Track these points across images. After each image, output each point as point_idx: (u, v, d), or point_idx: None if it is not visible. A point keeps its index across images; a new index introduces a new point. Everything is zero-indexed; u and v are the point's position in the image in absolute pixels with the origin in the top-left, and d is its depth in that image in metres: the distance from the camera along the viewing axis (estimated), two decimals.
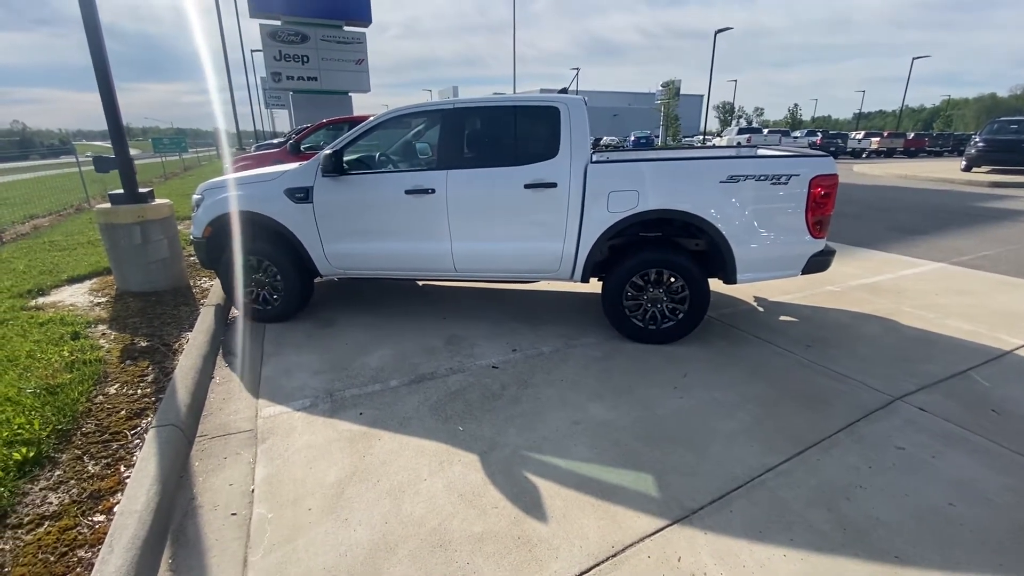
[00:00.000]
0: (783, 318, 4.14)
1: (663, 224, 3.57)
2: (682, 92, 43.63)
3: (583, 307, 4.42)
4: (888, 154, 30.09)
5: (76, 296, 4.67)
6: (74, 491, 2.14)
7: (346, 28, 20.15)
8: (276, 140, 16.47)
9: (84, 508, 2.06)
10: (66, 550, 1.85)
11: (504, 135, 3.63)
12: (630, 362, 3.37)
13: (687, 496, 2.16)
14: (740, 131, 30.45)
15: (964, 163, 15.97)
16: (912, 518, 2.04)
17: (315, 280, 4.23)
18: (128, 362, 3.29)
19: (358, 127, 3.80)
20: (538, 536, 1.96)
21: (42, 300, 4.52)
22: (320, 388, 3.11)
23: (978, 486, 2.21)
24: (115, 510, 2.01)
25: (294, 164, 4.09)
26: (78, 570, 1.77)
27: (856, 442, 2.52)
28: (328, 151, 3.61)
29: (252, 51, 37.15)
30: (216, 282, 4.94)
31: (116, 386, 2.99)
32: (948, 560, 1.84)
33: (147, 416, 2.71)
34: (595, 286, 3.87)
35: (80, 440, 2.47)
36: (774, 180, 3.18)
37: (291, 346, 3.73)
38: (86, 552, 1.85)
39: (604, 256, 3.58)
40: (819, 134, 32.42)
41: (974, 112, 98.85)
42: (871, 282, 5.04)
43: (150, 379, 3.09)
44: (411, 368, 3.34)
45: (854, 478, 2.26)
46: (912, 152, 30.95)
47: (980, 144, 15.60)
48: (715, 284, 3.66)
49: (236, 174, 4.30)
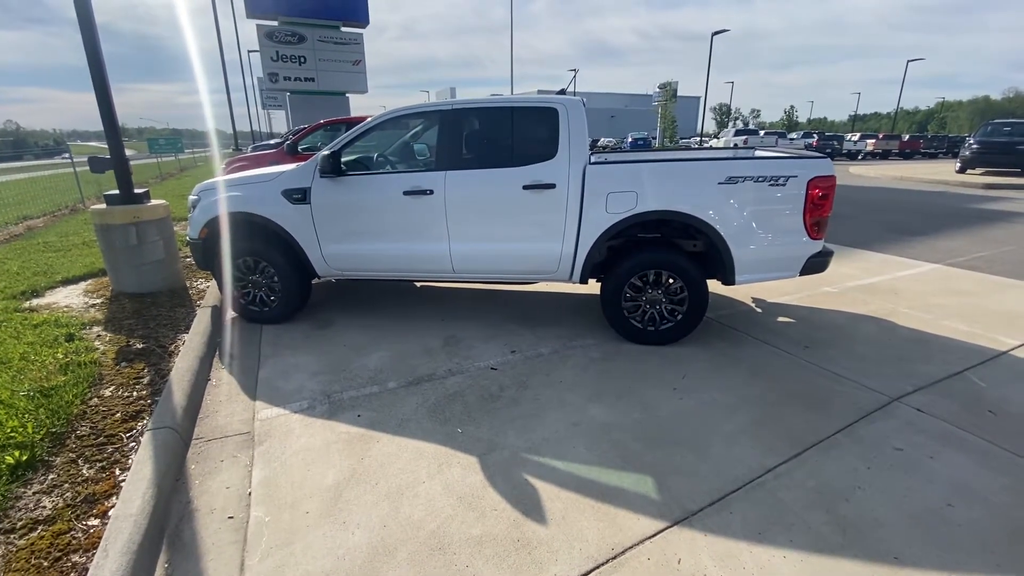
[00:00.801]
0: (781, 319, 4.14)
1: (661, 225, 3.57)
2: (679, 94, 43.73)
3: (581, 308, 4.41)
4: (884, 156, 30.26)
5: (71, 298, 4.63)
6: (68, 495, 2.11)
7: (343, 29, 20.14)
8: (273, 141, 16.42)
9: (78, 512, 2.03)
10: (60, 555, 1.83)
11: (503, 136, 3.62)
12: (629, 363, 3.36)
13: (687, 497, 2.15)
14: (737, 133, 30.59)
15: (959, 165, 16.05)
16: (911, 519, 2.04)
17: (313, 281, 4.21)
18: (123, 364, 3.27)
19: (356, 128, 3.79)
20: (538, 538, 1.95)
21: (36, 302, 4.49)
22: (318, 390, 3.09)
23: (976, 486, 2.21)
24: (110, 514, 1.99)
25: (291, 165, 4.08)
26: (72, 575, 1.75)
27: (855, 443, 2.52)
28: (326, 152, 3.60)
29: (249, 51, 37.11)
30: (213, 283, 4.91)
31: (111, 388, 2.97)
32: (947, 561, 1.84)
33: (143, 419, 2.69)
34: (593, 287, 3.87)
35: (74, 443, 2.45)
36: (772, 181, 3.19)
37: (288, 348, 3.71)
38: (80, 557, 1.82)
39: (603, 257, 3.57)
40: (815, 136, 32.55)
41: (968, 114, 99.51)
42: (868, 283, 5.05)
43: (145, 381, 3.07)
44: (409, 369, 3.33)
45: (853, 479, 2.26)
46: (907, 154, 31.13)
47: (974, 146, 15.69)
48: (713, 285, 3.67)
49: (233, 175, 4.29)
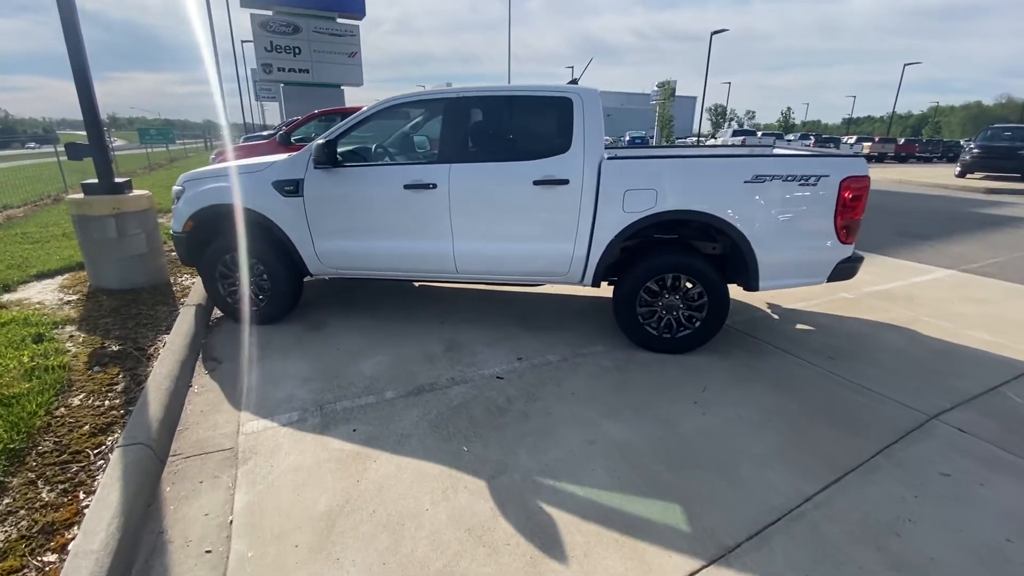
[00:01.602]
0: (800, 326, 3.94)
1: (679, 226, 3.35)
2: (676, 94, 43.55)
3: (588, 312, 4.19)
4: (879, 159, 30.24)
5: (45, 293, 4.34)
6: (23, 524, 1.86)
7: (339, 20, 19.73)
8: (266, 133, 16.05)
9: (34, 545, 1.78)
10: None
11: (512, 127, 3.38)
12: (645, 373, 3.14)
13: (721, 531, 1.93)
14: (734, 133, 30.46)
15: (959, 169, 15.98)
16: (970, 556, 1.84)
17: (305, 279, 3.95)
18: (96, 368, 3.00)
19: (354, 116, 3.53)
20: None
21: (7, 297, 4.19)
22: (309, 400, 2.84)
23: None
24: (69, 548, 1.74)
25: (283, 155, 3.81)
26: None
27: (896, 467, 2.31)
28: (321, 141, 3.34)
29: (243, 42, 36.40)
30: (198, 280, 4.63)
31: (81, 396, 2.71)
32: None
33: (114, 432, 2.43)
34: (599, 289, 3.64)
35: (35, 461, 2.19)
36: (802, 181, 2.97)
37: (278, 351, 3.45)
38: None
39: (615, 259, 3.34)
40: (812, 138, 32.51)
41: (960, 119, 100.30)
42: (884, 289, 4.87)
43: (119, 388, 2.81)
44: (409, 377, 3.09)
45: (901, 510, 2.05)
46: (903, 157, 31.15)
47: (975, 151, 15.62)
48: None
49: (221, 164, 4.01)
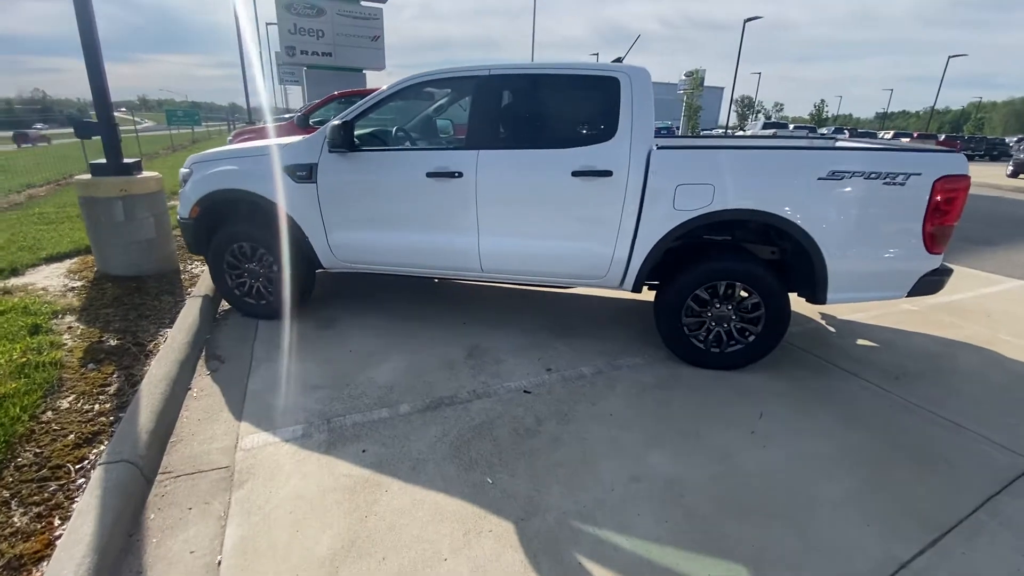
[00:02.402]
0: (861, 342, 3.52)
1: (734, 226, 2.97)
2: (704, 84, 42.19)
3: (621, 317, 3.83)
4: None
5: (51, 278, 4.14)
6: None
7: (363, 3, 19.40)
8: (287, 116, 15.86)
9: None
10: None
11: (550, 110, 3.02)
12: (691, 393, 2.79)
13: None
14: (765, 125, 29.38)
15: (1011, 168, 15.06)
16: None
17: (316, 272, 3.67)
18: (91, 366, 2.76)
19: (373, 95, 3.21)
20: None
21: (13, 282, 4.00)
22: (316, 411, 2.56)
23: None
24: None
25: (297, 137, 3.52)
26: None
27: (1004, 526, 1.93)
28: (337, 122, 3.02)
29: (267, 24, 36.36)
30: (207, 269, 4.39)
31: (70, 399, 2.46)
32: None
33: (101, 443, 2.18)
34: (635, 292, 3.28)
35: (11, 477, 1.94)
36: (888, 179, 2.55)
37: (285, 351, 3.18)
38: None
39: (658, 261, 2.98)
40: (846, 132, 31.23)
41: (1002, 116, 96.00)
42: (951, 300, 4.40)
43: (112, 390, 2.56)
44: (426, 388, 2.79)
45: None
46: None
47: None
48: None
49: (231, 146, 3.74)
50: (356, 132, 3.18)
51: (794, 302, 2.94)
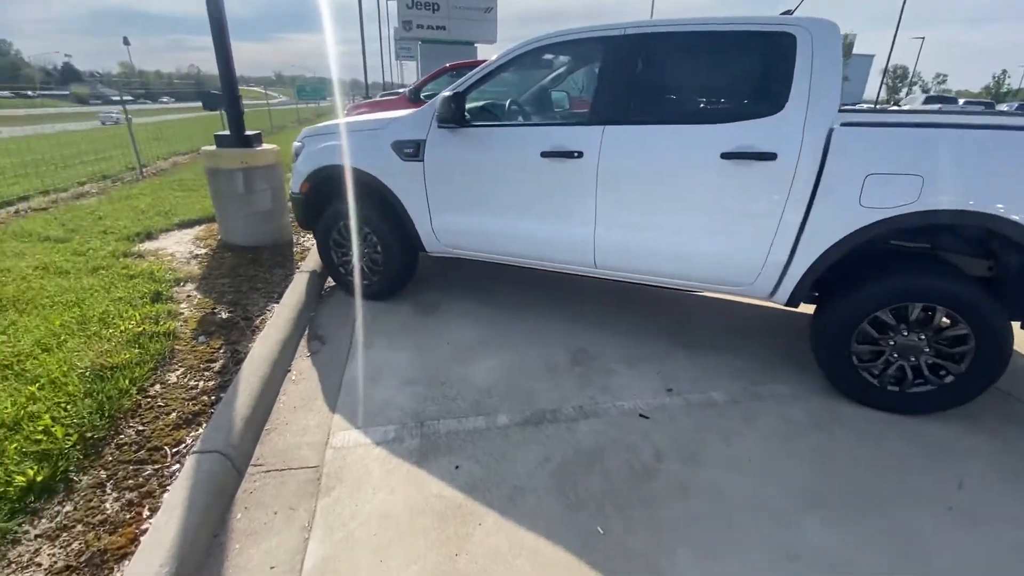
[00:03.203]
0: None
1: (939, 232, 2.27)
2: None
3: (760, 327, 3.22)
4: None
5: (180, 244, 4.42)
6: (74, 547, 1.56)
7: None
8: (399, 90, 16.25)
9: None
10: None
11: (698, 78, 2.49)
12: (858, 442, 2.19)
13: None
14: (927, 100, 24.98)
15: None
16: None
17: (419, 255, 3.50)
18: (201, 339, 2.80)
19: (486, 64, 2.88)
20: None
21: (146, 245, 4.32)
22: (409, 409, 2.36)
23: None
24: None
25: (406, 111, 3.30)
26: None
27: None
28: (447, 93, 2.74)
29: (387, 0, 37.64)
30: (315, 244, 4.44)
31: (178, 372, 2.48)
32: None
33: (199, 425, 2.14)
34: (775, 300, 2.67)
35: (110, 456, 1.94)
36: None
37: (384, 336, 3.04)
38: None
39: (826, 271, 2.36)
40: None
41: None
42: None
43: (217, 367, 2.55)
44: (525, 396, 2.48)
45: None
46: None
47: None
48: None
49: (343, 120, 3.64)
50: (467, 106, 2.88)
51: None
